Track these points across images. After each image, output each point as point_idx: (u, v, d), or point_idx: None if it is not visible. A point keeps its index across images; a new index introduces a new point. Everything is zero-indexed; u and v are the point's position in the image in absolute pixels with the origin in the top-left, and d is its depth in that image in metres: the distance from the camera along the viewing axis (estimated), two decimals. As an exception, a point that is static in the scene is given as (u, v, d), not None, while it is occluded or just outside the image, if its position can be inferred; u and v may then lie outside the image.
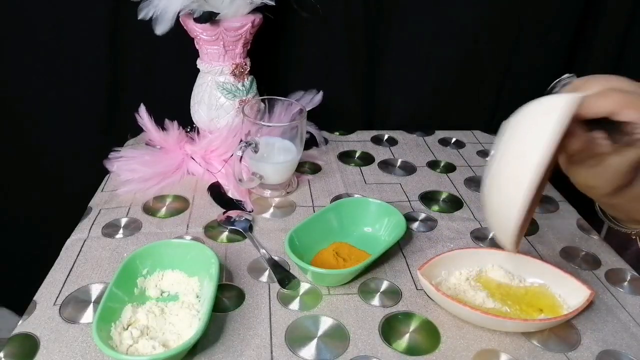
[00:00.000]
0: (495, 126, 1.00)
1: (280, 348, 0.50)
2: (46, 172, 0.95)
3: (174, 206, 0.70)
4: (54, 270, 0.58)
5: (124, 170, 0.73)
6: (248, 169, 0.73)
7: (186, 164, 0.77)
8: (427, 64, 0.91)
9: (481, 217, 0.71)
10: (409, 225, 0.69)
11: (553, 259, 0.64)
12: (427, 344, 0.51)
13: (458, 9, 0.86)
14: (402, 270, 0.61)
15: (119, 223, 0.67)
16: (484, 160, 0.88)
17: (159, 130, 0.76)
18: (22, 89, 0.87)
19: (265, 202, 0.72)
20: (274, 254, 0.62)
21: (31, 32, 0.82)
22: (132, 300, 0.52)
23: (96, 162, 0.75)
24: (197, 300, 0.53)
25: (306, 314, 0.54)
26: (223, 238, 0.65)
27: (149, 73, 0.87)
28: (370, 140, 0.92)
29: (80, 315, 0.52)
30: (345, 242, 0.63)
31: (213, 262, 0.53)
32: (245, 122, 0.69)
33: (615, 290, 0.60)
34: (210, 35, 0.69)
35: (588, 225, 0.71)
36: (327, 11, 0.84)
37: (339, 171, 0.82)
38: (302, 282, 0.58)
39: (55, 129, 0.90)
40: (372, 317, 0.54)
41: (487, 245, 0.66)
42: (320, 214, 0.64)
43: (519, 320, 0.51)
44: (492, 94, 0.96)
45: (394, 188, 0.77)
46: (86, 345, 0.49)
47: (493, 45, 0.90)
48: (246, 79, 0.75)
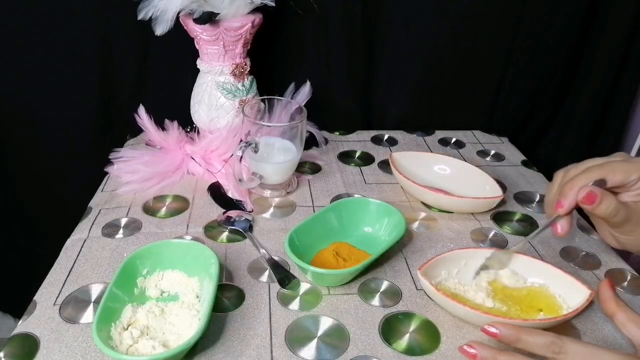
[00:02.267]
0: (496, 126, 1.01)
1: (280, 348, 0.50)
2: (46, 172, 0.95)
3: (174, 206, 0.70)
4: (54, 270, 0.58)
5: (124, 171, 0.73)
6: (248, 169, 0.73)
7: (186, 164, 0.77)
8: (427, 63, 0.91)
9: (481, 217, 0.72)
10: (409, 225, 0.69)
11: (553, 259, 0.64)
12: (427, 344, 0.51)
13: (458, 9, 0.86)
14: (402, 270, 0.61)
15: (119, 223, 0.67)
16: (484, 160, 0.88)
17: (159, 130, 0.76)
18: (21, 89, 0.87)
19: (265, 202, 0.72)
20: (274, 254, 0.62)
21: (31, 32, 0.82)
22: (132, 300, 0.52)
23: (96, 162, 0.75)
24: (197, 300, 0.53)
25: (306, 314, 0.54)
26: (223, 238, 0.65)
27: (149, 73, 0.87)
28: (370, 140, 0.92)
29: (80, 315, 0.52)
30: (345, 242, 0.63)
31: (213, 262, 0.53)
32: (245, 122, 0.69)
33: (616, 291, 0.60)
34: (210, 35, 0.69)
35: (588, 225, 0.71)
36: (326, 11, 0.84)
37: (339, 171, 0.82)
38: (302, 282, 0.58)
39: (55, 129, 0.90)
40: (372, 317, 0.54)
41: (487, 245, 0.66)
42: (320, 214, 0.64)
43: (519, 320, 0.51)
44: (492, 94, 0.96)
45: (394, 188, 0.77)
46: (86, 345, 0.49)
47: (493, 45, 0.90)
48: (246, 79, 0.75)
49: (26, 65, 0.85)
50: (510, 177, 0.82)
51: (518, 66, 0.92)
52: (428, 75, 0.93)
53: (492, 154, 0.90)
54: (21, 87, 0.86)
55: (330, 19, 0.86)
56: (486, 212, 0.72)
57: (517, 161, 0.88)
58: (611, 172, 0.51)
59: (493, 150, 0.91)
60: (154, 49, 0.84)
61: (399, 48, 0.90)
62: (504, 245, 0.66)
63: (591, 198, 0.49)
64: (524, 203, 0.75)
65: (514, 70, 0.93)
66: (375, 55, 0.90)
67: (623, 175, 0.50)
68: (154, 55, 0.85)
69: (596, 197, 0.49)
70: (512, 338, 0.43)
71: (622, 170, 0.51)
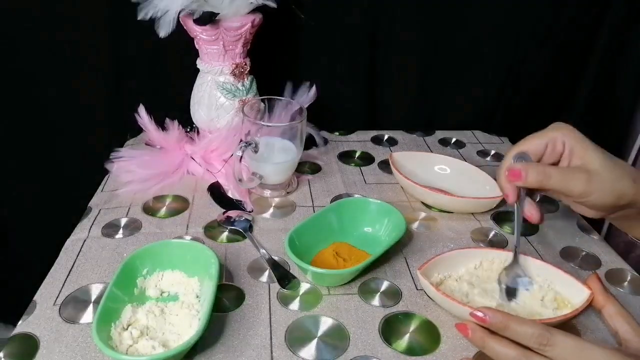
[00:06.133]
0: (496, 126, 1.01)
1: (280, 348, 0.50)
2: (46, 172, 0.95)
3: (173, 206, 0.70)
4: (54, 270, 0.58)
5: (124, 171, 0.73)
6: (248, 169, 0.72)
7: (186, 164, 0.77)
8: (428, 63, 0.91)
9: (481, 217, 0.72)
10: (409, 225, 0.69)
11: (553, 259, 0.64)
12: (427, 344, 0.51)
13: (458, 9, 0.86)
14: (402, 270, 0.61)
15: (118, 223, 0.67)
16: (484, 160, 0.88)
17: (159, 130, 0.76)
18: (21, 89, 0.87)
19: (265, 202, 0.72)
20: (274, 254, 0.62)
21: (30, 32, 0.82)
22: (132, 301, 0.52)
23: (96, 162, 0.75)
24: (197, 301, 0.53)
25: (306, 314, 0.54)
26: (223, 238, 0.65)
27: (149, 73, 0.87)
28: (370, 140, 0.92)
29: (80, 315, 0.52)
30: (345, 242, 0.63)
31: (213, 262, 0.53)
32: (245, 122, 0.69)
33: (615, 291, 0.60)
34: (210, 35, 0.69)
35: (588, 225, 0.71)
36: (326, 11, 0.84)
37: (339, 171, 0.82)
38: (302, 282, 0.58)
39: (54, 129, 0.90)
40: (372, 317, 0.54)
41: (487, 245, 0.66)
42: (320, 214, 0.64)
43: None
44: (492, 94, 0.96)
45: (394, 188, 0.77)
46: (86, 345, 0.49)
47: (493, 45, 0.90)
48: (246, 79, 0.75)
49: (26, 66, 0.85)
50: (510, 177, 0.82)
51: (519, 66, 0.92)
52: (428, 75, 0.93)
53: (492, 154, 0.90)
54: (21, 87, 0.86)
55: (330, 19, 0.86)
56: (486, 212, 0.72)
57: (517, 161, 0.88)
58: (524, 143, 0.52)
59: (493, 150, 0.91)
60: (154, 49, 0.84)
61: (399, 48, 0.90)
62: (504, 245, 0.66)
63: (515, 174, 0.50)
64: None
65: (514, 71, 0.93)
66: (376, 55, 0.90)
67: (535, 141, 0.51)
68: (154, 55, 0.85)
69: (519, 171, 0.50)
70: (500, 325, 0.44)
71: (532, 137, 0.52)
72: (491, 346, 0.44)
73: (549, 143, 0.51)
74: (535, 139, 0.52)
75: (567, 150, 0.51)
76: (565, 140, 0.51)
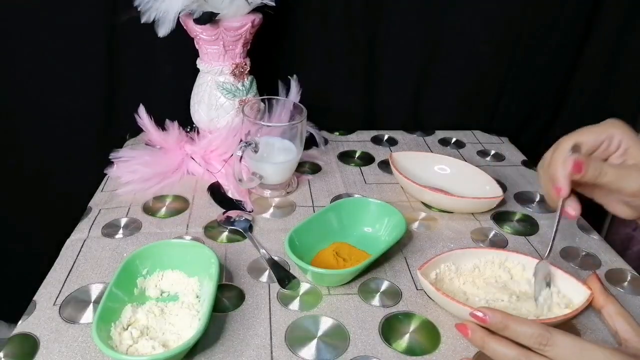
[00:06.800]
0: (496, 126, 1.01)
1: (280, 348, 0.50)
2: (46, 172, 0.95)
3: (173, 206, 0.70)
4: (54, 270, 0.58)
5: (124, 171, 0.73)
6: (248, 169, 0.72)
7: (186, 164, 0.77)
8: (427, 63, 0.91)
9: (481, 217, 0.72)
10: (409, 225, 0.69)
11: (553, 259, 0.64)
12: (427, 344, 0.51)
13: (458, 9, 0.86)
14: (402, 270, 0.61)
15: (118, 223, 0.67)
16: (484, 160, 0.88)
17: (159, 130, 0.76)
18: (21, 90, 0.87)
19: (265, 202, 0.72)
20: (274, 254, 0.62)
21: (29, 33, 0.82)
22: (132, 301, 0.52)
23: (96, 162, 0.75)
24: (197, 301, 0.53)
25: (306, 314, 0.54)
26: (223, 238, 0.65)
27: (149, 73, 0.87)
28: (370, 140, 0.92)
29: (80, 315, 0.52)
30: (345, 242, 0.63)
31: (213, 262, 0.53)
32: (245, 122, 0.69)
33: (615, 291, 0.60)
34: (210, 35, 0.69)
35: (588, 225, 0.71)
36: (326, 10, 0.84)
37: (339, 171, 0.82)
38: (302, 282, 0.58)
39: (54, 129, 0.90)
40: (372, 317, 0.54)
41: (487, 245, 0.66)
42: (320, 214, 0.64)
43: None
44: (492, 94, 0.96)
45: (394, 188, 0.77)
46: (86, 345, 0.49)
47: (493, 45, 0.90)
48: (246, 79, 0.75)
49: (26, 66, 0.85)
50: (511, 177, 0.82)
51: (519, 66, 0.92)
52: (428, 75, 0.93)
53: (492, 154, 0.90)
54: (21, 87, 0.86)
55: (331, 19, 0.86)
56: (486, 212, 0.72)
57: (517, 161, 0.88)
58: (580, 135, 0.51)
59: (493, 150, 0.91)
60: (154, 49, 0.84)
61: (399, 48, 0.90)
62: (504, 245, 0.66)
63: (578, 165, 0.49)
64: (524, 203, 0.75)
65: (514, 71, 0.93)
66: (376, 55, 0.90)
67: (593, 135, 0.50)
68: (154, 55, 0.85)
69: (582, 162, 0.49)
70: (499, 325, 0.44)
71: (589, 131, 0.51)
72: (491, 346, 0.44)
73: (605, 140, 0.50)
74: (592, 133, 0.51)
75: (622, 149, 0.50)
76: (622, 139, 0.50)
